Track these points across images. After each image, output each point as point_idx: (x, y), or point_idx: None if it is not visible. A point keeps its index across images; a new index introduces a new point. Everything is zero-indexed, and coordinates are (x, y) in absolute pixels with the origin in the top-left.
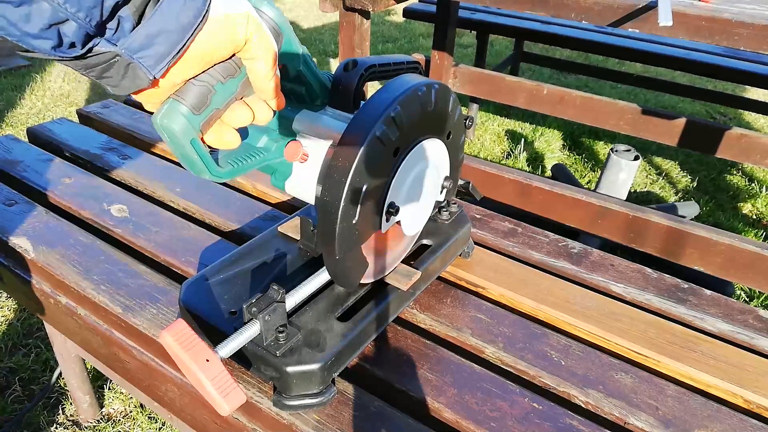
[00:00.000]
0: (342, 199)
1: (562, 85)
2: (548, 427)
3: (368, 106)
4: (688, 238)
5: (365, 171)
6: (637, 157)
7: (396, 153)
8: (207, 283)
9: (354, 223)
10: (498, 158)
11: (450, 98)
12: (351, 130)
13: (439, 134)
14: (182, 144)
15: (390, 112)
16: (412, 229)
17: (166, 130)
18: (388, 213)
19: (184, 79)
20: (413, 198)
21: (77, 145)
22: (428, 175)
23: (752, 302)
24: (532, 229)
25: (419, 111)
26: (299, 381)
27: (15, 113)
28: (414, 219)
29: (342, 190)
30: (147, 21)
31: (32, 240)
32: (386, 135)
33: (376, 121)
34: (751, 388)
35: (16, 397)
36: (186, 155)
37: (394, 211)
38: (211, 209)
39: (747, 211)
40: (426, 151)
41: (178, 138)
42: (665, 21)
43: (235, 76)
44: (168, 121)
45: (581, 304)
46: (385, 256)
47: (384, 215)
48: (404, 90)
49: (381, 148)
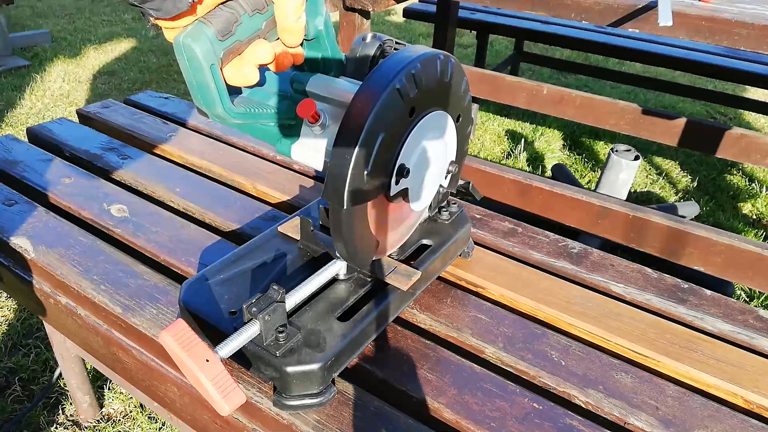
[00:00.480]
0: (359, 142)
1: (562, 85)
2: (548, 427)
3: (389, 61)
4: (688, 238)
5: (382, 120)
6: (638, 157)
7: (412, 113)
8: (207, 283)
9: (366, 173)
10: (498, 158)
11: (463, 78)
12: (371, 81)
13: (452, 112)
14: (202, 67)
15: (411, 68)
16: (417, 204)
17: (187, 50)
18: (399, 174)
19: (215, 2)
20: (422, 167)
21: (77, 145)
22: (438, 149)
23: (752, 302)
24: (532, 229)
25: (436, 77)
26: (299, 381)
27: (15, 113)
28: (420, 193)
29: (360, 132)
30: None
31: (32, 240)
32: (405, 89)
33: (398, 73)
34: (751, 388)
35: (16, 397)
36: (202, 82)
37: (404, 174)
38: (211, 209)
39: (747, 211)
40: (438, 123)
41: (199, 59)
42: (665, 21)
43: (262, 12)
44: (191, 41)
45: (581, 304)
46: (389, 232)
47: (394, 176)
48: (425, 53)
49: (399, 102)
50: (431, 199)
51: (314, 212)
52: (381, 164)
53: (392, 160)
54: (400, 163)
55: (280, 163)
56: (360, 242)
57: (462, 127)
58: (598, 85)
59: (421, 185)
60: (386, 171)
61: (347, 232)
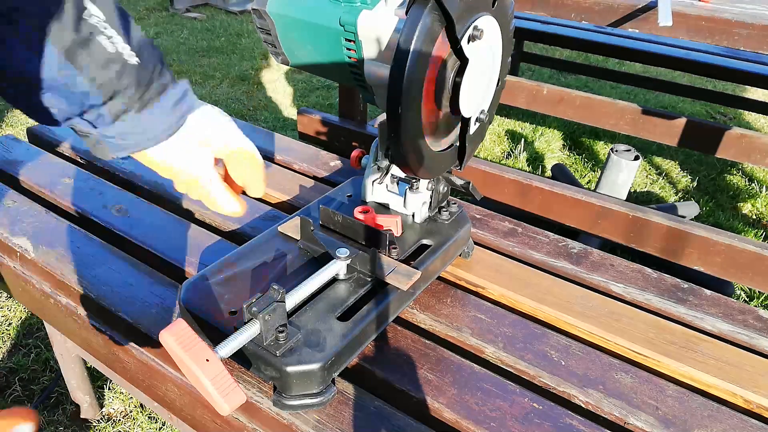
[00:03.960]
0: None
1: (562, 85)
2: (548, 427)
3: None
4: (688, 238)
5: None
6: (637, 157)
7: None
8: (207, 283)
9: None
10: (498, 158)
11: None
12: None
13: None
14: None
15: None
16: (467, 110)
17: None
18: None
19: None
20: (475, 77)
21: (77, 145)
22: (488, 70)
23: (752, 302)
24: (532, 229)
25: None
26: (299, 381)
27: (15, 113)
28: (471, 100)
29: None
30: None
31: (32, 240)
32: None
33: None
34: (751, 388)
35: (16, 397)
36: None
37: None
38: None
39: (747, 211)
40: (492, 43)
41: None
42: (665, 21)
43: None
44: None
45: (581, 304)
46: (436, 140)
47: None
48: None
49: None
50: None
51: (314, 212)
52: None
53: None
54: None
55: (280, 163)
56: (413, 126)
57: (503, 70)
58: (598, 85)
59: (471, 92)
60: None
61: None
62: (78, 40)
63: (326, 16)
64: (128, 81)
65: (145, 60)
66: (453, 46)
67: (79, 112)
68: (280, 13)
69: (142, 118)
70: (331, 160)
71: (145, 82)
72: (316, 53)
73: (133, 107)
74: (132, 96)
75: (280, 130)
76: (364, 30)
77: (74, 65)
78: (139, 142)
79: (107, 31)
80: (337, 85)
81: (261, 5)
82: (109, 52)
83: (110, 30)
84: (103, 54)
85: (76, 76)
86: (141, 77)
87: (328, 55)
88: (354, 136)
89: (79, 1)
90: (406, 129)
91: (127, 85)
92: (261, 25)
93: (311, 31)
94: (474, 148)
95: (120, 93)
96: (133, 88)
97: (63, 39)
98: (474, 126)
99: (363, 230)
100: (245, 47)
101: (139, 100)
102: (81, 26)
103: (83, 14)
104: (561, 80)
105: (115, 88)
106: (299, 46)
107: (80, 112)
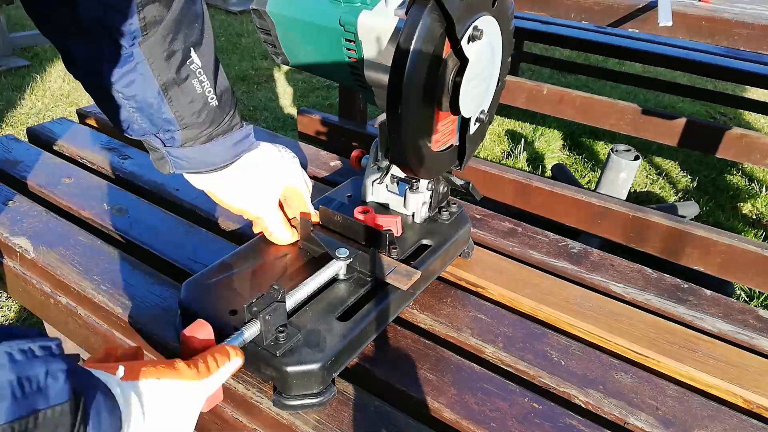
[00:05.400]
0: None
1: (562, 85)
2: (548, 427)
3: None
4: (688, 238)
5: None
6: (637, 157)
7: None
8: (207, 283)
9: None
10: (498, 158)
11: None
12: None
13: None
14: None
15: None
16: (467, 110)
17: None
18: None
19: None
20: (475, 77)
21: (77, 145)
22: (488, 70)
23: (752, 302)
24: (532, 229)
25: None
26: (299, 381)
27: (15, 113)
28: (471, 100)
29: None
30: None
31: (32, 240)
32: None
33: None
34: (751, 388)
35: None
36: None
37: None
38: (211, 209)
39: (747, 211)
40: (493, 43)
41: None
42: (665, 21)
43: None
44: None
45: (581, 304)
46: (437, 139)
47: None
48: None
49: None
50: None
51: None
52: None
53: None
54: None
55: None
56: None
57: (503, 71)
58: (598, 85)
59: (472, 93)
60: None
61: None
62: (177, 79)
63: (326, 16)
64: (204, 118)
65: (223, 104)
66: (453, 46)
67: (156, 132)
68: (280, 13)
69: (206, 148)
70: (331, 160)
71: (218, 122)
72: (316, 53)
73: (202, 138)
74: (204, 131)
75: (280, 130)
76: (364, 30)
77: (166, 97)
78: (196, 165)
79: (201, 76)
80: (337, 85)
81: (261, 5)
82: (197, 92)
83: (203, 76)
84: (192, 93)
85: (164, 105)
86: (216, 117)
87: (328, 55)
88: (354, 136)
89: (187, 51)
90: (406, 129)
91: (203, 121)
92: (261, 25)
93: (311, 31)
94: (474, 148)
95: (195, 125)
96: (207, 125)
97: (166, 76)
98: (474, 126)
99: (363, 230)
100: (245, 47)
101: (208, 135)
102: (182, 70)
103: (187, 62)
104: (561, 80)
105: (193, 121)
106: (299, 46)
107: (157, 132)
